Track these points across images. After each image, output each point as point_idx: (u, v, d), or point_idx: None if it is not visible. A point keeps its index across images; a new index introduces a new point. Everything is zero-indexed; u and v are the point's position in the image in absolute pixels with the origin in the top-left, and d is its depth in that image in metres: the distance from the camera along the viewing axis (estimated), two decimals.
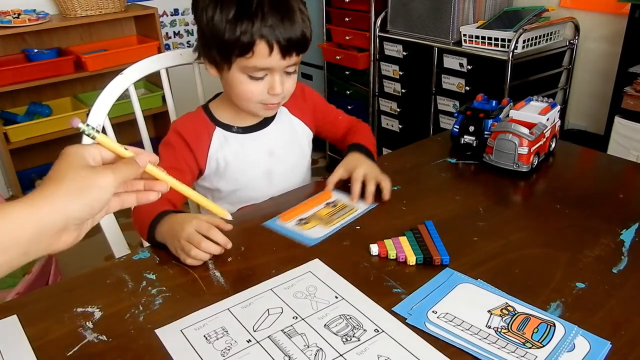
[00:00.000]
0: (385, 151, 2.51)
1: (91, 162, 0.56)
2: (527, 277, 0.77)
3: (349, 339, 0.66)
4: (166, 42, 3.01)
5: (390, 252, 0.81)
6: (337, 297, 0.73)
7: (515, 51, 1.89)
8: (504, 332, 0.67)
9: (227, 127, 1.05)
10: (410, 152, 1.21)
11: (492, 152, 1.07)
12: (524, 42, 1.92)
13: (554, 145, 1.14)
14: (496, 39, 1.95)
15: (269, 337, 0.67)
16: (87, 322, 0.70)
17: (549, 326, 0.67)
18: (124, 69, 1.16)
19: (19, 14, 2.36)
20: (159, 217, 0.87)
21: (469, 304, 0.71)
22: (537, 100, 1.16)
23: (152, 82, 2.82)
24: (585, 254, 0.81)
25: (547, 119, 1.08)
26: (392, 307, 0.71)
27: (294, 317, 0.70)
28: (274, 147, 1.08)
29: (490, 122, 1.13)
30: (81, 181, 0.53)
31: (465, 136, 1.15)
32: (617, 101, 1.77)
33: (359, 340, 0.66)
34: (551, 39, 2.05)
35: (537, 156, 1.07)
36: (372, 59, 2.43)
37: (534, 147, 1.04)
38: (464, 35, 2.04)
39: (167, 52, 1.27)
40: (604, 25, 2.05)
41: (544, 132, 1.07)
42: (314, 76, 2.86)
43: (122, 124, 2.20)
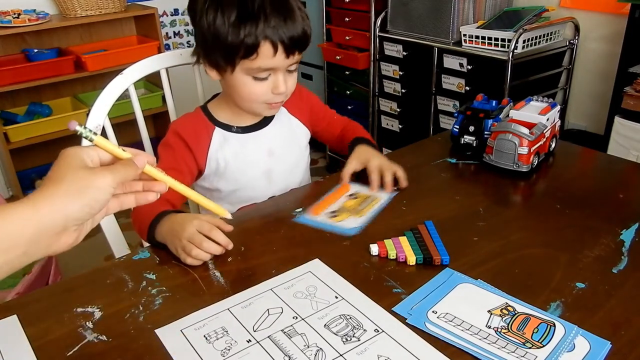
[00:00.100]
0: (385, 151, 2.51)
1: (89, 164, 0.56)
2: (527, 277, 0.77)
3: (349, 339, 0.66)
4: (166, 42, 3.01)
5: (390, 252, 0.81)
6: (337, 297, 0.73)
7: (515, 51, 1.89)
8: (504, 332, 0.67)
9: (226, 127, 1.05)
10: (410, 152, 1.21)
11: (492, 152, 1.07)
12: (524, 42, 1.92)
13: (554, 145, 1.15)
14: (496, 39, 1.95)
15: (269, 337, 0.67)
16: (87, 322, 0.70)
17: (549, 326, 0.67)
18: (124, 69, 1.16)
19: (19, 14, 2.36)
20: (159, 217, 0.87)
21: (469, 304, 0.71)
22: (537, 100, 1.16)
23: (152, 82, 2.82)
24: (585, 254, 0.81)
25: (547, 119, 1.08)
26: (392, 307, 0.71)
27: (294, 317, 0.70)
28: (273, 147, 1.08)
29: (490, 122, 1.13)
30: (80, 182, 0.54)
31: (465, 136, 1.15)
32: (617, 101, 1.77)
33: (359, 340, 0.66)
34: (551, 39, 2.05)
35: (537, 156, 1.07)
36: (372, 59, 2.43)
37: (534, 147, 1.04)
38: (464, 35, 2.04)
39: (167, 52, 1.27)
40: (604, 25, 2.05)
41: (544, 132, 1.07)
42: (314, 76, 2.85)
43: (122, 124, 2.20)
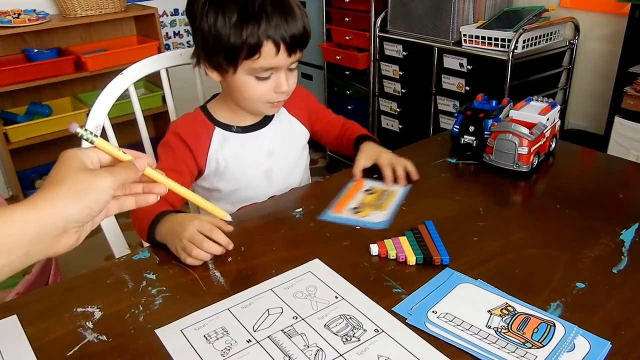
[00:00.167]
0: None
1: (89, 165, 0.57)
2: (527, 277, 0.77)
3: (349, 339, 0.66)
4: (166, 42, 3.01)
5: (390, 252, 0.81)
6: (337, 297, 0.73)
7: (515, 51, 1.89)
8: (504, 332, 0.67)
9: (226, 127, 1.05)
10: (410, 152, 1.21)
11: (492, 152, 1.07)
12: (524, 42, 1.92)
13: (554, 145, 1.14)
14: (496, 39, 1.95)
15: (269, 337, 0.67)
16: (87, 322, 0.70)
17: (549, 326, 0.67)
18: (124, 69, 1.16)
19: (19, 14, 2.36)
20: (159, 217, 0.87)
21: (469, 304, 0.71)
22: (537, 100, 1.16)
23: (152, 82, 2.82)
24: (585, 254, 0.81)
25: (547, 119, 1.08)
26: (392, 307, 0.71)
27: (294, 317, 0.70)
28: (273, 147, 1.08)
29: (490, 122, 1.13)
30: (80, 184, 0.54)
31: (465, 136, 1.15)
32: (617, 101, 1.77)
33: (359, 340, 0.66)
34: (551, 39, 2.05)
35: (537, 156, 1.07)
36: (372, 59, 2.43)
37: (534, 147, 1.04)
38: (464, 35, 2.04)
39: (167, 52, 1.27)
40: (604, 25, 2.05)
41: (544, 132, 1.07)
42: (314, 76, 2.85)
43: (122, 124, 2.20)
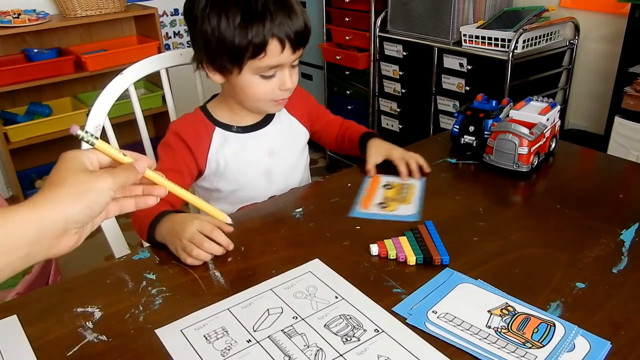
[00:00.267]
0: None
1: (89, 167, 0.57)
2: (527, 277, 0.77)
3: (349, 339, 0.66)
4: (166, 42, 3.01)
5: (390, 252, 0.81)
6: (337, 297, 0.73)
7: (515, 51, 1.89)
8: (504, 332, 0.67)
9: (226, 127, 1.05)
10: None
11: (492, 152, 1.07)
12: (524, 42, 1.92)
13: (554, 145, 1.14)
14: (496, 39, 1.95)
15: (269, 337, 0.67)
16: (87, 322, 0.70)
17: (549, 326, 0.67)
18: (124, 69, 1.16)
19: (19, 14, 2.35)
20: (159, 217, 0.87)
21: (469, 304, 0.71)
22: (537, 100, 1.16)
23: (152, 82, 2.82)
24: (585, 254, 0.81)
25: (547, 119, 1.08)
26: (392, 307, 0.71)
27: (294, 317, 0.70)
28: (273, 147, 1.08)
29: (490, 122, 1.13)
30: (80, 185, 0.55)
31: (465, 136, 1.15)
32: (617, 101, 1.77)
33: (359, 340, 0.66)
34: (551, 39, 2.05)
35: (537, 156, 1.07)
36: (372, 59, 2.43)
37: (534, 147, 1.04)
38: (464, 35, 2.04)
39: (167, 52, 1.27)
40: (604, 25, 2.05)
41: (544, 132, 1.07)
42: (314, 76, 2.85)
43: (122, 124, 2.20)
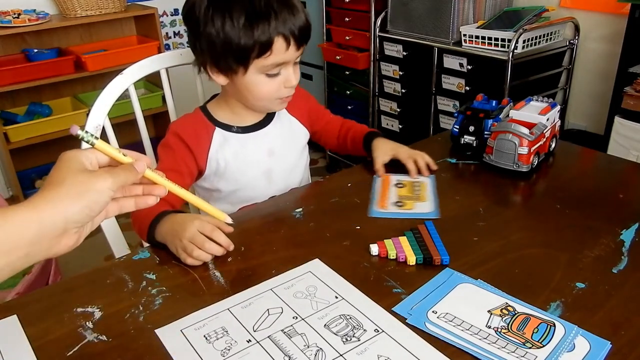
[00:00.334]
0: None
1: (88, 167, 0.57)
2: (527, 277, 0.77)
3: (349, 339, 0.66)
4: (166, 42, 3.01)
5: (390, 252, 0.81)
6: (337, 297, 0.73)
7: (515, 51, 1.89)
8: (504, 332, 0.67)
9: (226, 127, 1.05)
10: None
11: (492, 152, 1.07)
12: (524, 42, 1.92)
13: (554, 145, 1.14)
14: (496, 39, 1.95)
15: (269, 337, 0.67)
16: (87, 322, 0.70)
17: (549, 326, 0.67)
18: (124, 69, 1.16)
19: (19, 14, 2.35)
20: (159, 217, 0.87)
21: (469, 304, 0.71)
22: (537, 100, 1.16)
23: (152, 82, 2.82)
24: (585, 254, 0.81)
25: (547, 119, 1.08)
26: (392, 307, 0.71)
27: (294, 317, 0.70)
28: (273, 147, 1.08)
29: (490, 122, 1.13)
30: (80, 185, 0.55)
31: (465, 136, 1.15)
32: (617, 101, 1.77)
33: (359, 340, 0.66)
34: (551, 39, 2.05)
35: (537, 156, 1.07)
36: (372, 59, 2.43)
37: (534, 147, 1.04)
38: (464, 35, 2.04)
39: (167, 52, 1.27)
40: (604, 25, 2.05)
41: (544, 132, 1.07)
42: (314, 76, 2.85)
43: (122, 124, 2.20)
